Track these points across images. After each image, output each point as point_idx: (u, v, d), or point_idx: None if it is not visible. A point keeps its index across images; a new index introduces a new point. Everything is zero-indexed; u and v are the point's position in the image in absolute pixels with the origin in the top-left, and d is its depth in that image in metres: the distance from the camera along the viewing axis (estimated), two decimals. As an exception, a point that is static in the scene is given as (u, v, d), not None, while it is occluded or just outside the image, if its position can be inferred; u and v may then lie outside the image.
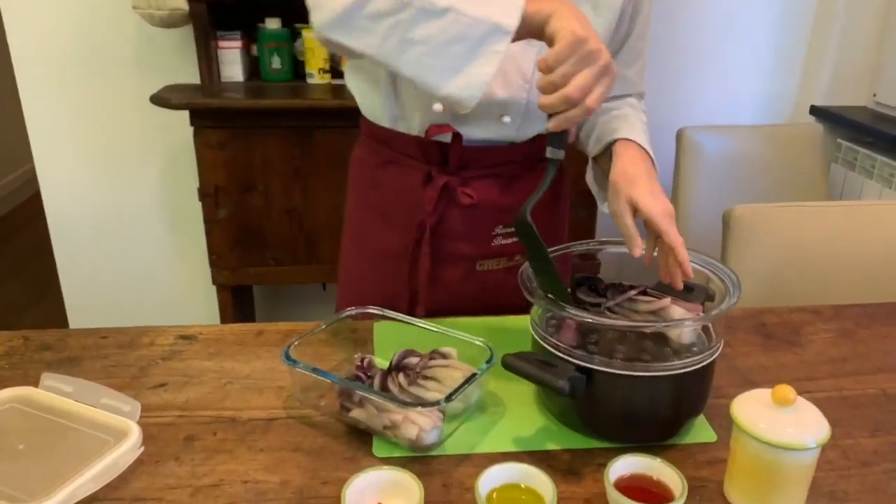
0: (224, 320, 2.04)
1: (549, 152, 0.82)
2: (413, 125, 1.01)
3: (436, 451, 0.79)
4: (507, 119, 0.99)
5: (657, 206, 0.84)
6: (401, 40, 0.78)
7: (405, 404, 0.76)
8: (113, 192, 2.19)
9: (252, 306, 2.35)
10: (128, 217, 2.22)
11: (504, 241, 1.07)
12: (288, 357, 0.84)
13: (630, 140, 0.95)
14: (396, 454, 0.79)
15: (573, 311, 0.77)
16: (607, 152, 0.98)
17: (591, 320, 0.78)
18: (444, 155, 1.02)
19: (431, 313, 1.07)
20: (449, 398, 0.76)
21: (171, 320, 2.38)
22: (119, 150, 2.15)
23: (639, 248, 0.84)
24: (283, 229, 1.94)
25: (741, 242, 1.30)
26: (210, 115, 1.82)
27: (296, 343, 0.87)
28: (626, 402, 0.79)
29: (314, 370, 0.81)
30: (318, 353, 0.95)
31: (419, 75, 0.80)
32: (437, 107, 0.97)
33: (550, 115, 0.78)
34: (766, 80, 2.31)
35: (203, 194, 1.89)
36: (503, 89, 0.96)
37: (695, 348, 0.81)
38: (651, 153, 0.95)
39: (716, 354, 0.79)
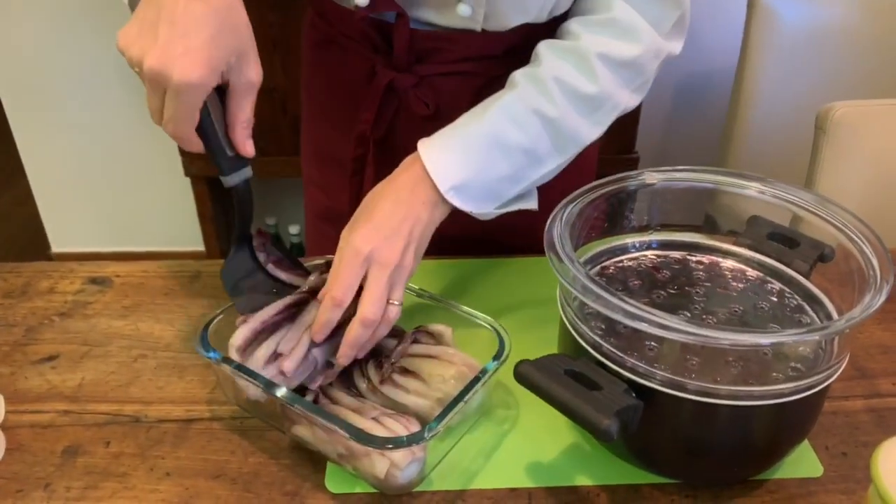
0: (202, 218, 1.79)
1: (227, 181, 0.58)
2: None
3: (417, 487, 0.55)
4: (464, 10, 0.66)
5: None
6: None
7: (364, 440, 0.50)
8: (66, 58, 1.86)
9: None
10: (88, 92, 1.90)
11: None
12: (205, 344, 0.58)
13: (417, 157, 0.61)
14: (359, 490, 0.55)
15: (612, 298, 0.49)
16: None
17: (651, 320, 0.49)
18: (389, 42, 0.71)
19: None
20: (432, 430, 0.50)
21: (150, 212, 2.14)
22: (70, 6, 1.80)
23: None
24: (262, 113, 1.61)
25: (840, 154, 0.99)
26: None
27: (220, 316, 0.61)
28: (700, 434, 0.53)
29: (238, 368, 0.56)
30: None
31: None
32: None
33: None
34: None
35: (166, 69, 1.57)
36: None
37: (806, 353, 0.54)
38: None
39: (839, 371, 0.52)
